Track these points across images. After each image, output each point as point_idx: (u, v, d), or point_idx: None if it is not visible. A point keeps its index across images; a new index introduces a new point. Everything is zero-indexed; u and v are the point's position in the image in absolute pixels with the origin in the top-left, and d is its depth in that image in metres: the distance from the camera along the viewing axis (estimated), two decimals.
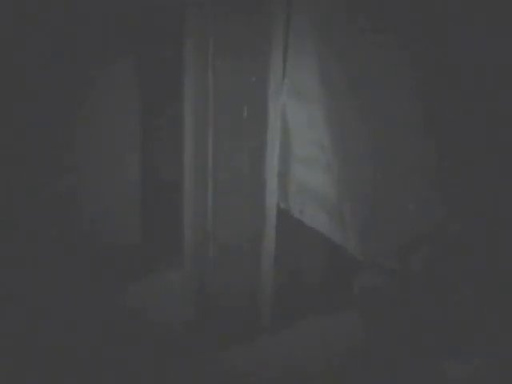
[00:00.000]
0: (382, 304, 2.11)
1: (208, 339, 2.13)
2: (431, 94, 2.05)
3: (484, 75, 1.99)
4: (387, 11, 2.05)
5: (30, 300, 2.08)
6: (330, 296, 2.21)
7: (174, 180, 2.21)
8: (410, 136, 2.11)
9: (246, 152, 2.20)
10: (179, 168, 2.18)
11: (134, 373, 1.98)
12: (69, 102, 2.06)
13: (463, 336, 2.04)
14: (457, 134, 2.08)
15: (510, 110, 2.02)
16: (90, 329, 2.06)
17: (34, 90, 2.01)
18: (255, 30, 2.12)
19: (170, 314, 2.19)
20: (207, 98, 2.17)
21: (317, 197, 2.17)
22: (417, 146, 2.11)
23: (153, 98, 2.22)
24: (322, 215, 2.16)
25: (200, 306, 2.20)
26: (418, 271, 2.07)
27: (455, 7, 1.95)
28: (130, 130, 2.18)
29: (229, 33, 2.13)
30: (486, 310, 2.07)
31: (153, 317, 2.16)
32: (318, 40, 2.10)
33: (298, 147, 2.18)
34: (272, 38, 2.11)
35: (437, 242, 2.12)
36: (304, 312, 2.16)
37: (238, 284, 2.19)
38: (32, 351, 1.98)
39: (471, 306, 2.07)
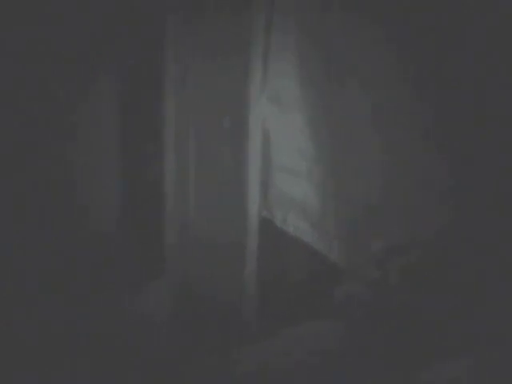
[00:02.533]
0: (364, 313, 2.11)
1: (191, 347, 2.13)
2: (418, 100, 2.05)
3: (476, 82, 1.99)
4: (370, 18, 2.04)
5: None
6: (314, 304, 2.21)
7: (155, 190, 2.18)
8: (393, 144, 2.11)
9: (227, 162, 2.18)
10: (160, 179, 2.16)
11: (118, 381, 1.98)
12: (47, 107, 2.04)
13: (447, 342, 2.06)
14: (443, 143, 2.08)
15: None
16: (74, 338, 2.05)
17: (15, 92, 1.98)
18: (234, 38, 2.10)
19: (152, 322, 2.18)
20: (187, 108, 2.15)
21: (299, 206, 2.16)
22: (401, 154, 2.10)
23: (132, 110, 2.19)
24: (305, 224, 2.16)
25: (183, 315, 2.20)
26: (400, 280, 2.08)
27: (438, 9, 1.95)
28: (108, 138, 2.15)
29: (208, 41, 2.12)
30: (469, 315, 2.08)
31: (134, 324, 2.14)
32: (298, 48, 2.08)
33: (280, 156, 2.17)
34: (252, 46, 2.09)
35: (418, 251, 2.13)
36: (288, 320, 2.15)
37: (221, 294, 2.19)
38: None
39: (453, 312, 2.08)
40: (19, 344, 2.02)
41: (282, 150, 2.16)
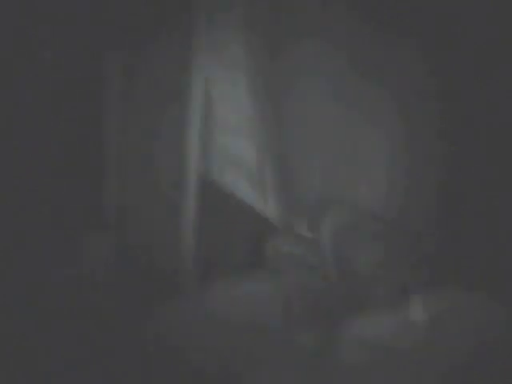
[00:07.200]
0: (295, 268, 2.11)
1: (129, 297, 2.15)
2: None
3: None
4: None
5: None
6: (247, 259, 2.22)
7: (95, 150, 2.25)
8: (329, 102, 2.14)
9: (169, 121, 2.24)
10: (101, 139, 2.23)
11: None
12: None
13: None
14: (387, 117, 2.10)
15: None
16: None
17: None
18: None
19: (93, 276, 2.19)
20: (131, 68, 2.22)
21: (238, 162, 2.19)
22: (334, 111, 2.14)
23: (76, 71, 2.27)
24: (243, 178, 2.19)
25: (122, 267, 2.22)
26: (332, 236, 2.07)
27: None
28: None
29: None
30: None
31: (72, 275, 2.16)
32: (244, 9, 2.14)
33: (221, 116, 2.22)
34: (196, 7, 2.17)
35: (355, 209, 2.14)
36: (224, 274, 2.15)
37: (160, 247, 2.21)
38: None
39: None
40: None
41: (223, 112, 2.21)
